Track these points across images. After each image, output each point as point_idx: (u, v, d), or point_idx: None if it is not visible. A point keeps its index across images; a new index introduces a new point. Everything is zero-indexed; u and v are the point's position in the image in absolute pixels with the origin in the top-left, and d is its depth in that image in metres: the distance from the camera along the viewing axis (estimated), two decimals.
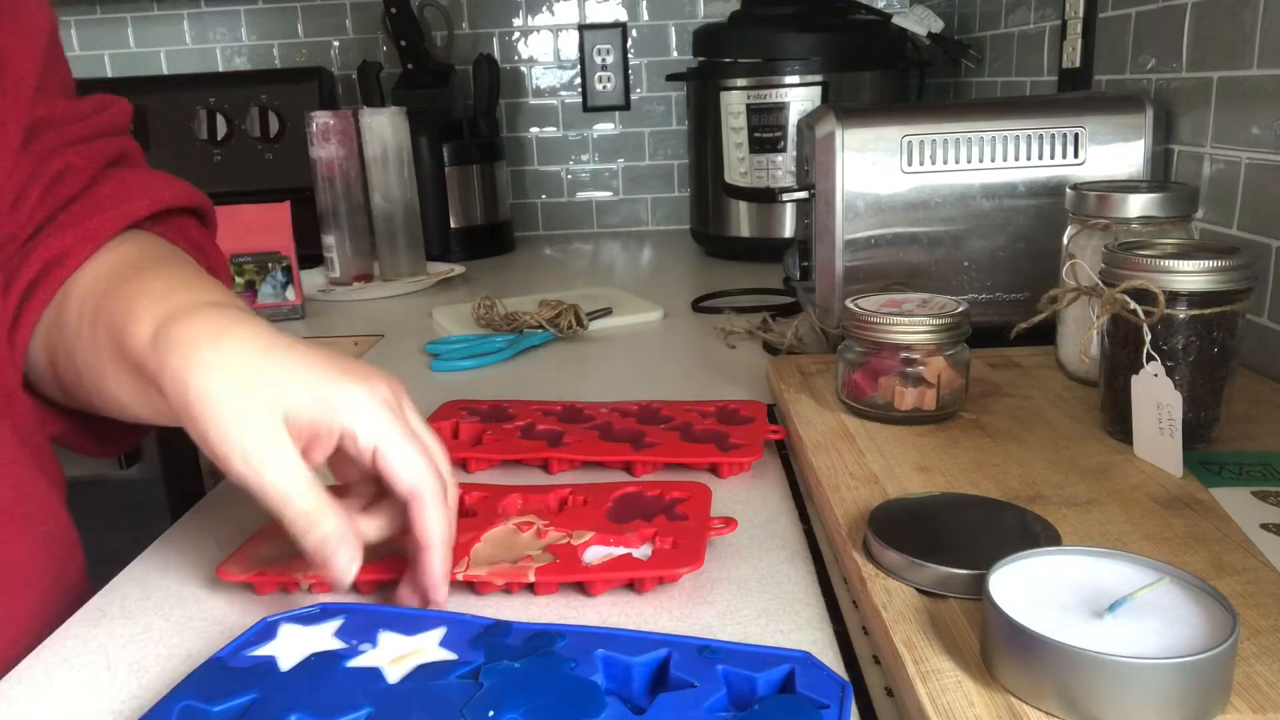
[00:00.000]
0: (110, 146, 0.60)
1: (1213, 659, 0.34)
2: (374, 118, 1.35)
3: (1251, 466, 0.57)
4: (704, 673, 0.41)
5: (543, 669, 0.41)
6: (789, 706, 0.39)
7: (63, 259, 0.53)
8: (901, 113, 0.88)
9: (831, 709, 0.38)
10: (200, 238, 0.64)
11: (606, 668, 0.42)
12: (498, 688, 0.40)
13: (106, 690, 0.45)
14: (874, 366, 0.68)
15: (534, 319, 1.04)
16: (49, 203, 0.55)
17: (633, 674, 0.42)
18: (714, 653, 0.42)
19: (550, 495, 0.59)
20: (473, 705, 0.39)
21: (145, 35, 1.82)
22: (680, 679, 0.41)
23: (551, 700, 0.39)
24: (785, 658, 0.41)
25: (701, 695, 0.39)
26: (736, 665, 0.41)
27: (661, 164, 1.81)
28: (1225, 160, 0.80)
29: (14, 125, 0.53)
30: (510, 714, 0.38)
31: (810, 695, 0.39)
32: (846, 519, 0.53)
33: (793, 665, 0.41)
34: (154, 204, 0.58)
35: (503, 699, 0.39)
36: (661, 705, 0.39)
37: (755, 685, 0.40)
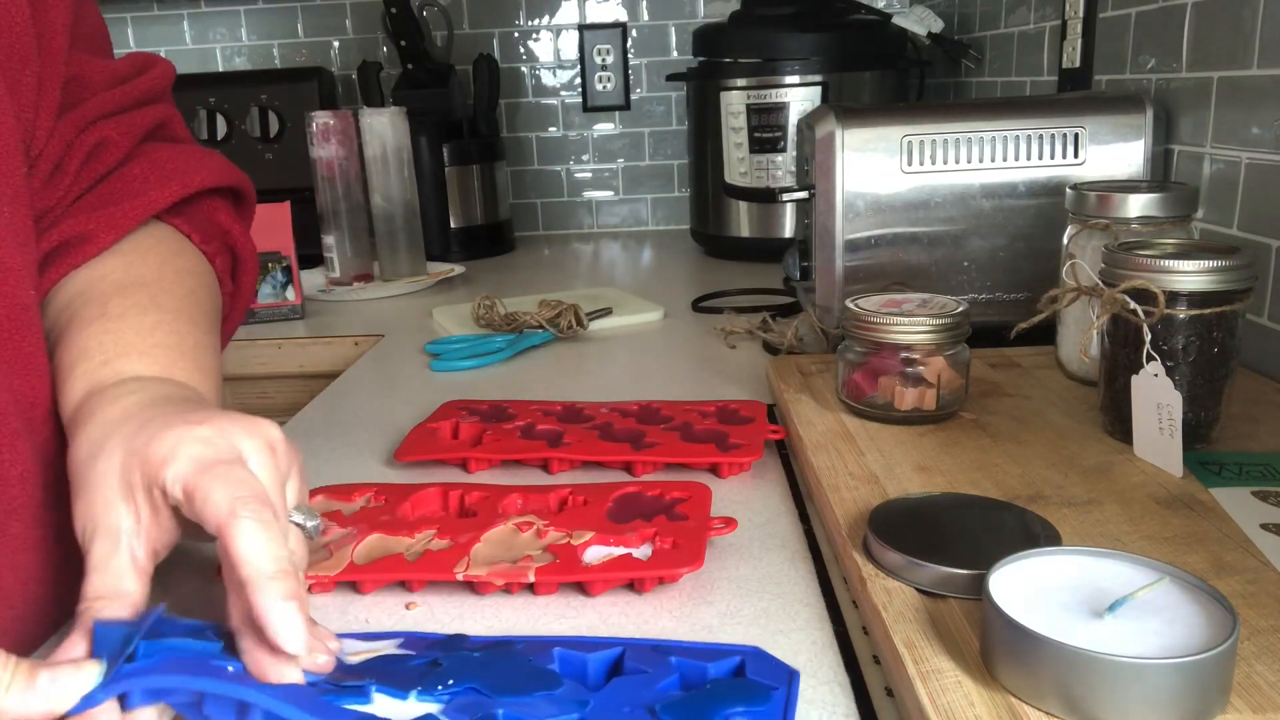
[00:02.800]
0: (149, 116, 0.59)
1: (1213, 659, 0.34)
2: (374, 118, 1.35)
3: (1251, 466, 0.57)
4: (657, 663, 0.41)
5: (502, 659, 0.42)
6: (739, 686, 0.40)
7: (82, 241, 0.53)
8: (901, 113, 0.88)
9: (780, 689, 0.39)
10: (228, 220, 0.62)
11: (562, 662, 0.42)
12: (456, 666, 0.40)
13: None
14: (874, 366, 0.68)
15: (534, 319, 1.04)
16: (85, 177, 0.55)
17: (587, 666, 0.42)
18: (667, 650, 0.43)
19: (550, 495, 0.59)
20: (431, 677, 0.39)
21: (145, 35, 1.82)
22: (635, 668, 0.41)
23: (509, 677, 0.39)
24: (737, 651, 0.43)
25: (653, 679, 0.40)
26: (688, 658, 0.42)
27: (661, 164, 1.81)
28: (1225, 160, 0.80)
29: (53, 84, 0.52)
30: (468, 683, 0.38)
31: (759, 680, 0.40)
32: (846, 519, 0.53)
33: (743, 657, 0.42)
34: (184, 188, 0.57)
35: (461, 673, 0.39)
36: (616, 685, 0.40)
37: (706, 673, 0.41)
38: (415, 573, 0.51)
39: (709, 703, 0.38)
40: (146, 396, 0.46)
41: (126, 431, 0.43)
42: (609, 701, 0.38)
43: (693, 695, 0.39)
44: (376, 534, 0.54)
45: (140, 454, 0.41)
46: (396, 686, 0.38)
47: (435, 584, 0.52)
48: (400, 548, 0.53)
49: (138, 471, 0.41)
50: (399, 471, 0.68)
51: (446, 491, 0.60)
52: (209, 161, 0.60)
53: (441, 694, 0.38)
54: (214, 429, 0.42)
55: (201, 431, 0.41)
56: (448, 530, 0.55)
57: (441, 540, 0.54)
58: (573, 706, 0.38)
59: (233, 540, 0.38)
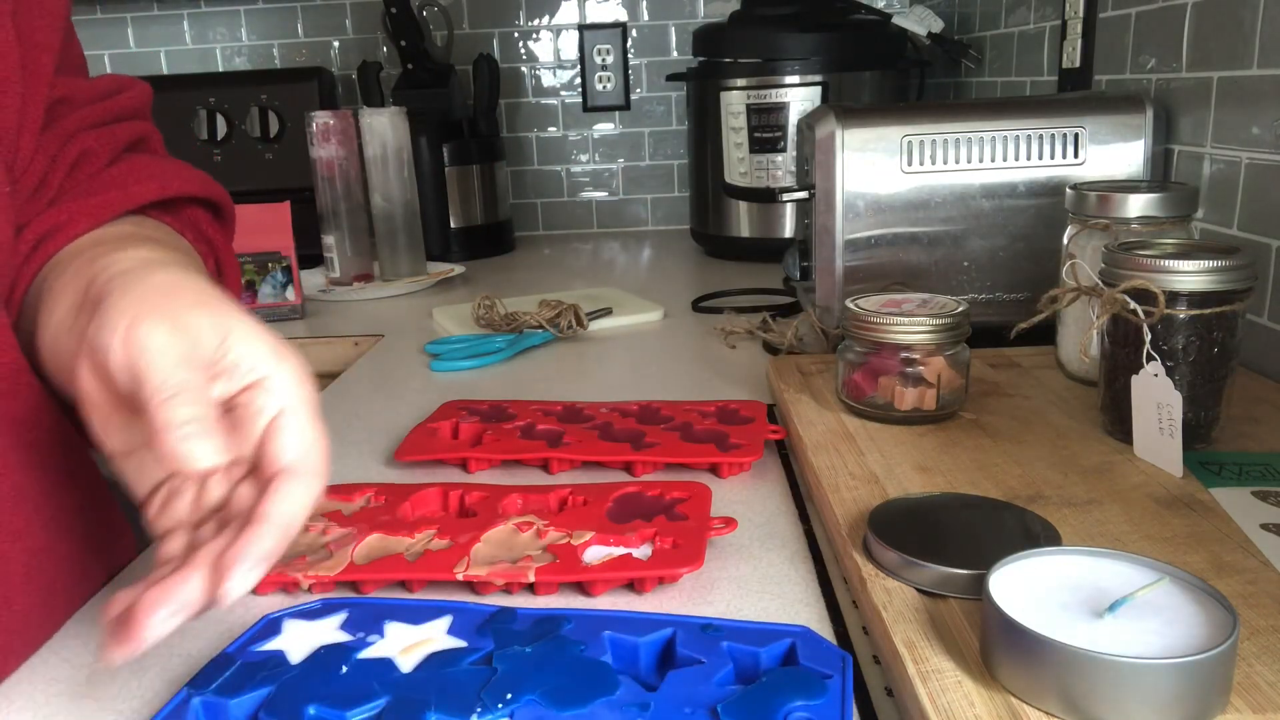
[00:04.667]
0: (129, 130, 0.60)
1: (1213, 659, 0.34)
2: (374, 118, 1.35)
3: (1251, 466, 0.57)
4: (709, 649, 0.42)
5: (554, 652, 0.42)
6: (795, 677, 0.40)
7: (60, 229, 0.52)
8: (901, 113, 0.88)
9: (835, 678, 0.40)
10: (211, 231, 0.62)
11: (614, 648, 0.43)
12: (512, 672, 0.40)
13: (106, 690, 0.45)
14: (874, 366, 0.68)
15: (534, 319, 1.04)
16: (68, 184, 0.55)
17: (639, 654, 0.43)
18: (717, 630, 0.43)
19: (550, 495, 0.59)
20: (489, 689, 0.39)
21: (145, 35, 1.82)
22: (687, 656, 0.42)
23: (566, 681, 0.40)
24: (786, 632, 0.43)
25: (709, 670, 0.41)
26: (739, 641, 0.42)
27: (661, 164, 1.81)
28: (1225, 160, 0.80)
29: (36, 105, 0.52)
30: (527, 695, 0.39)
31: (813, 667, 0.41)
32: (846, 519, 0.53)
33: (793, 639, 0.42)
34: (163, 190, 0.57)
35: (518, 682, 0.40)
36: (672, 682, 0.40)
37: (759, 659, 0.42)
38: (415, 573, 0.51)
39: (769, 699, 0.38)
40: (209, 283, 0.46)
41: (226, 301, 0.43)
42: (668, 702, 0.39)
43: (751, 692, 0.39)
44: (376, 534, 0.55)
45: (265, 340, 0.42)
46: (456, 710, 0.38)
47: (435, 584, 0.52)
48: (400, 548, 0.53)
49: (246, 344, 0.41)
50: (399, 471, 0.68)
51: (446, 491, 0.60)
52: (189, 172, 0.61)
53: (502, 712, 0.38)
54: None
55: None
56: (448, 530, 0.55)
57: (441, 540, 0.54)
58: (633, 711, 0.38)
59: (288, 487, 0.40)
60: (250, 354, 0.41)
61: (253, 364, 0.41)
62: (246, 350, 0.41)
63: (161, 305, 0.41)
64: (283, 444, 0.41)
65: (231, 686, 0.41)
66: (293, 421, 0.41)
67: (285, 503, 0.40)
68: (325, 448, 0.42)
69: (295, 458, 0.41)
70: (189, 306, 0.42)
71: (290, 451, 0.41)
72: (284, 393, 0.41)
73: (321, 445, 0.42)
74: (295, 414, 0.41)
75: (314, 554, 0.52)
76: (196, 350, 0.41)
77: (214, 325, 0.41)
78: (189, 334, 0.41)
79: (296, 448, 0.41)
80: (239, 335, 0.41)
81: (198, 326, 0.41)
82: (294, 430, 0.41)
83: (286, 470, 0.41)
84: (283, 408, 0.41)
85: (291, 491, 0.40)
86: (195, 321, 0.41)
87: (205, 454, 0.38)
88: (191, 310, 0.41)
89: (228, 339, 0.41)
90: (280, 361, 0.42)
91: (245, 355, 0.41)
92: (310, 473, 0.41)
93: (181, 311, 0.41)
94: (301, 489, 0.40)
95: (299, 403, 0.42)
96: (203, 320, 0.41)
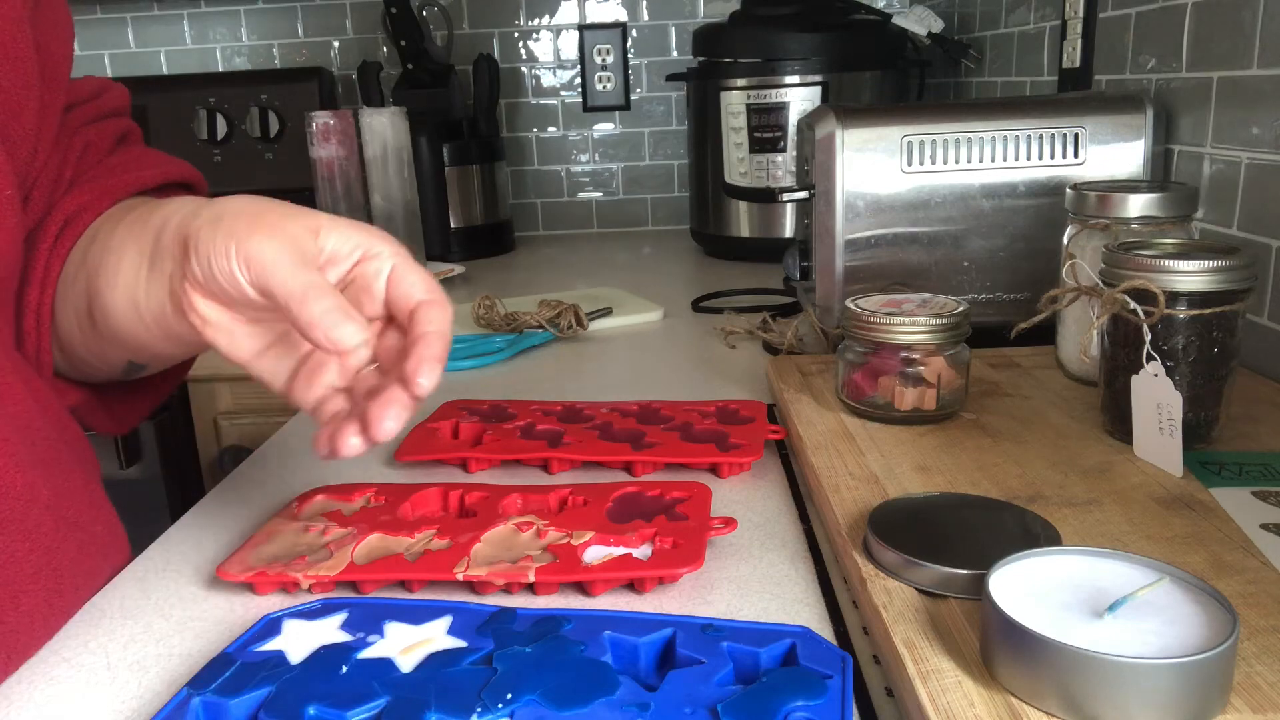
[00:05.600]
0: (117, 125, 0.64)
1: (1213, 659, 0.34)
2: (374, 118, 1.35)
3: (1251, 466, 0.57)
4: (709, 649, 0.42)
5: (554, 652, 0.42)
6: (795, 678, 0.40)
7: (83, 211, 0.55)
8: (901, 113, 0.88)
9: (835, 678, 0.40)
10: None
11: (614, 648, 0.43)
12: (512, 671, 0.40)
13: (106, 690, 0.45)
14: (874, 366, 0.68)
15: (534, 319, 1.04)
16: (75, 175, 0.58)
17: (639, 654, 0.43)
18: (717, 630, 0.43)
19: (550, 495, 0.59)
20: (489, 689, 0.39)
21: (145, 35, 1.82)
22: (687, 656, 0.42)
23: (566, 681, 0.40)
24: (786, 633, 0.43)
25: (709, 671, 0.41)
26: (739, 641, 0.42)
27: (661, 164, 1.81)
28: (1225, 160, 0.80)
29: (54, 113, 0.56)
30: (528, 695, 0.39)
31: (813, 667, 0.41)
32: (846, 519, 0.53)
33: (794, 640, 0.42)
34: (164, 175, 0.62)
35: (518, 682, 0.40)
36: (673, 681, 0.40)
37: (759, 659, 0.42)
38: (415, 573, 0.51)
39: (769, 700, 0.38)
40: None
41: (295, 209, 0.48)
42: (668, 701, 0.39)
43: (751, 692, 0.39)
44: (376, 534, 0.54)
45: (358, 225, 0.49)
46: (456, 710, 0.38)
47: (435, 584, 0.52)
48: (400, 548, 0.53)
49: (343, 230, 0.48)
50: (399, 471, 0.68)
51: (446, 491, 0.60)
52: (176, 160, 0.65)
53: (502, 712, 0.38)
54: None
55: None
56: (448, 530, 0.55)
57: (441, 540, 0.54)
58: (633, 711, 0.38)
59: (435, 311, 0.48)
60: (344, 239, 0.48)
61: (351, 245, 0.48)
62: (339, 237, 0.48)
63: (256, 226, 0.46)
64: (410, 285, 0.48)
65: (231, 686, 0.41)
66: (407, 270, 0.49)
67: (436, 321, 0.47)
68: (438, 284, 0.50)
69: (424, 292, 0.48)
70: (278, 220, 0.47)
71: (418, 288, 0.48)
72: (387, 254, 0.49)
73: (436, 283, 0.49)
74: (407, 265, 0.49)
75: (314, 554, 0.52)
76: (304, 252, 0.46)
77: (305, 227, 0.47)
78: (292, 241, 0.46)
79: (421, 285, 0.48)
80: (327, 228, 0.48)
81: (294, 232, 0.46)
82: (413, 275, 0.49)
83: (424, 302, 0.48)
84: (394, 264, 0.49)
85: (435, 313, 0.48)
86: (290, 229, 0.46)
87: (353, 334, 0.45)
88: (282, 221, 0.46)
89: (320, 234, 0.48)
90: (371, 235, 0.49)
91: (341, 241, 0.48)
92: (441, 300, 0.49)
93: (276, 225, 0.46)
94: (440, 311, 0.48)
95: (404, 257, 0.49)
96: (295, 226, 0.47)
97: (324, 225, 0.48)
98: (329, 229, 0.48)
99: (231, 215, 0.46)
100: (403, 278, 0.48)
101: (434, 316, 0.47)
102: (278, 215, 0.47)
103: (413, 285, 0.48)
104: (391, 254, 0.49)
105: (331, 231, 0.48)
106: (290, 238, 0.46)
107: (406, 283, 0.48)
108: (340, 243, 0.48)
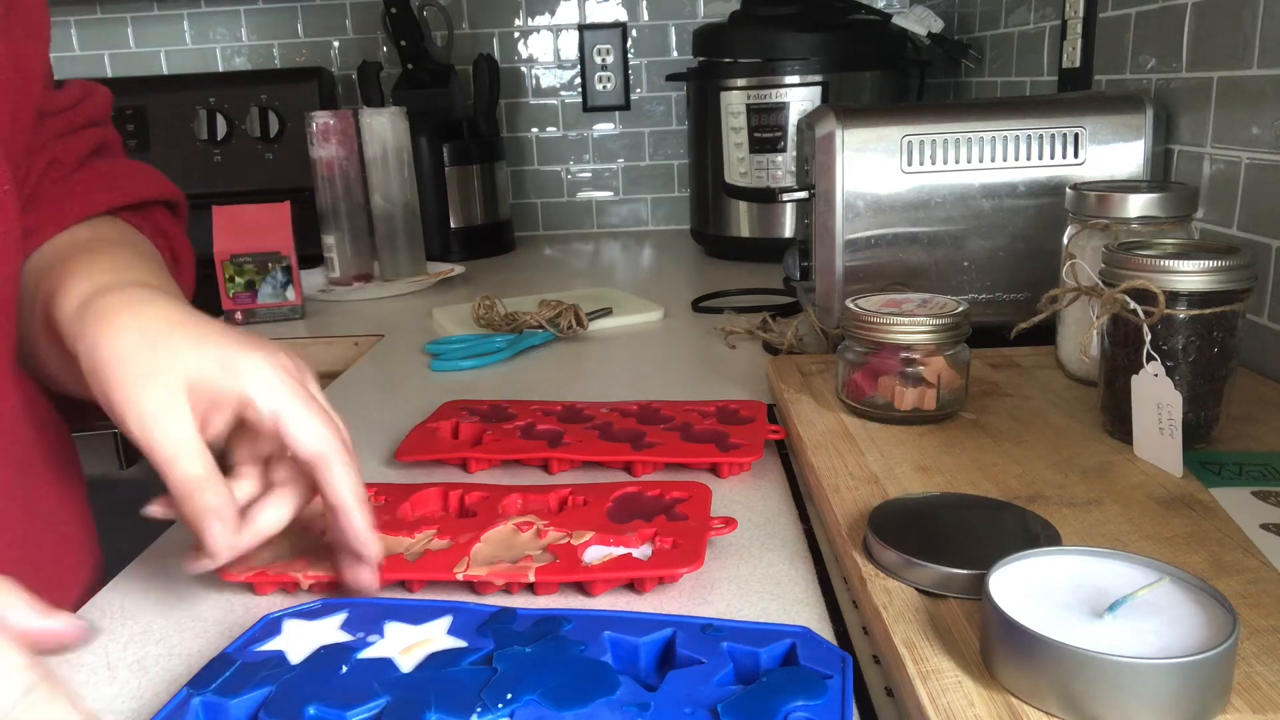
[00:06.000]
0: (92, 137, 0.63)
1: (1213, 659, 0.34)
2: (374, 118, 1.35)
3: (1251, 466, 0.57)
4: (709, 649, 0.42)
5: (554, 652, 0.42)
6: (795, 678, 0.40)
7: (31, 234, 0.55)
8: (901, 113, 0.88)
9: (835, 678, 0.40)
10: (167, 223, 0.66)
11: (614, 648, 0.43)
12: (512, 672, 0.40)
13: (106, 690, 0.45)
14: (874, 366, 0.68)
15: (534, 319, 1.04)
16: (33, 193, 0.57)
17: (639, 654, 0.43)
18: (717, 630, 0.43)
19: (550, 495, 0.59)
20: (490, 689, 0.39)
21: (145, 35, 1.82)
22: (687, 656, 0.42)
23: (566, 681, 0.40)
24: (786, 633, 0.43)
25: (709, 671, 0.41)
26: (739, 641, 0.42)
27: (661, 164, 1.81)
28: (1225, 160, 0.80)
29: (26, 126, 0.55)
30: (528, 695, 0.39)
31: (813, 667, 0.41)
32: (846, 519, 0.53)
33: (794, 640, 0.42)
34: (125, 196, 0.61)
35: (518, 682, 0.40)
36: (673, 681, 0.40)
37: (759, 660, 0.42)
38: (415, 573, 0.51)
39: (769, 699, 0.38)
40: (180, 305, 0.49)
41: (182, 337, 0.46)
42: (668, 701, 0.39)
43: (751, 692, 0.39)
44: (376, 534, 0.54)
45: (225, 365, 0.45)
46: (456, 710, 0.38)
47: (435, 584, 0.52)
48: (400, 548, 0.53)
49: (211, 379, 0.45)
50: (399, 471, 0.68)
51: (446, 491, 0.60)
52: (146, 175, 0.64)
53: (502, 712, 0.38)
54: (290, 360, 0.48)
55: (282, 360, 0.47)
56: (448, 530, 0.55)
57: (441, 540, 0.54)
58: (633, 711, 0.38)
59: (326, 474, 0.46)
60: (212, 382, 0.45)
61: (222, 390, 0.45)
62: (208, 381, 0.45)
63: (125, 379, 0.44)
64: (293, 443, 0.46)
65: (231, 687, 0.41)
66: (289, 419, 0.45)
67: (332, 489, 0.46)
68: (332, 421, 0.47)
69: (310, 451, 0.46)
70: (145, 372, 0.45)
71: (303, 447, 0.46)
72: (269, 397, 0.45)
73: (326, 424, 0.46)
74: (289, 411, 0.45)
75: (314, 554, 0.52)
76: (175, 406, 0.44)
77: (173, 379, 0.45)
78: (164, 396, 0.44)
79: (306, 441, 0.46)
80: (195, 374, 0.45)
81: (167, 385, 0.44)
82: (295, 426, 0.45)
83: (312, 464, 0.46)
84: (275, 411, 0.45)
85: (329, 477, 0.46)
86: (163, 382, 0.44)
87: (222, 536, 0.45)
88: (149, 376, 0.45)
89: (189, 381, 0.45)
90: (236, 377, 0.45)
91: (211, 385, 0.45)
92: (331, 453, 0.46)
93: (145, 377, 0.44)
94: (334, 471, 0.46)
95: (288, 401, 0.46)
96: (166, 379, 0.45)
97: (189, 374, 0.45)
98: (197, 376, 0.45)
99: (105, 368, 0.45)
100: (285, 432, 0.46)
101: (332, 481, 0.46)
102: (144, 369, 0.45)
103: (296, 440, 0.46)
104: (268, 399, 0.46)
105: (201, 378, 0.45)
106: (162, 396, 0.44)
107: (289, 438, 0.46)
108: (213, 389, 0.46)
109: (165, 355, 0.45)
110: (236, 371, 0.46)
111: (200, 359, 0.46)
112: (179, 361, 0.45)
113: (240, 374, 0.46)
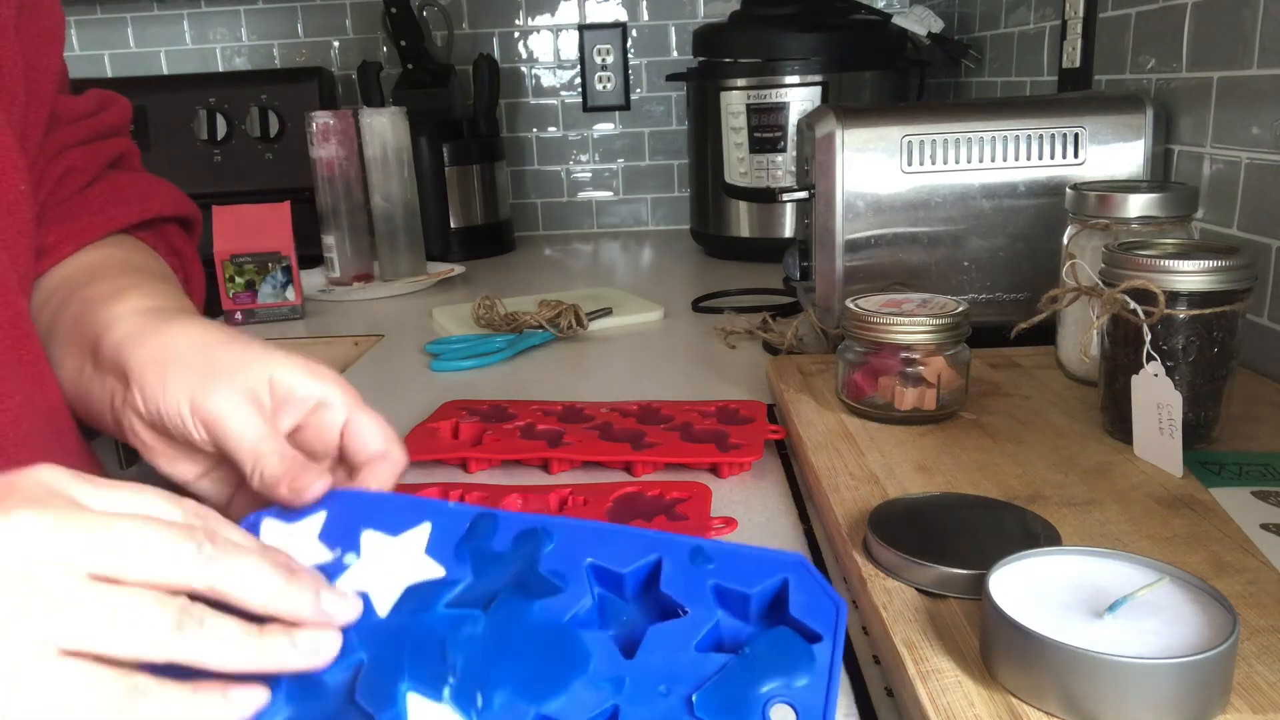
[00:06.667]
0: (111, 147, 0.62)
1: (1213, 659, 0.34)
2: (374, 118, 1.35)
3: (1251, 466, 0.57)
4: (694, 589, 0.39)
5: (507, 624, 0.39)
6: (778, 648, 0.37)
7: (44, 253, 0.54)
8: (901, 113, 0.88)
9: (825, 641, 0.37)
10: (180, 243, 0.66)
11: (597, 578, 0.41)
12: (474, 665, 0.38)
13: None
14: (874, 366, 0.68)
15: (534, 319, 1.04)
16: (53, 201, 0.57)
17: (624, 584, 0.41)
18: (706, 557, 0.40)
19: (550, 495, 0.59)
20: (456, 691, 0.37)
21: (145, 35, 1.82)
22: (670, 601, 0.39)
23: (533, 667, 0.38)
24: (779, 564, 0.40)
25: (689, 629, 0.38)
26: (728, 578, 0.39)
27: (661, 164, 1.81)
28: (1225, 160, 0.80)
29: (37, 127, 0.54)
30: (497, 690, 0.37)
31: (802, 621, 0.38)
32: (846, 519, 0.53)
33: (786, 576, 0.39)
34: (143, 213, 0.61)
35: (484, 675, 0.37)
36: (649, 647, 0.38)
37: (748, 605, 0.39)
38: None
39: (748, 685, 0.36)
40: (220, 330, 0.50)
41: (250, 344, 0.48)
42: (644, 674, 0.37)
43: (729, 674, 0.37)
44: None
45: (309, 369, 0.48)
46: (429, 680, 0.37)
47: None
48: None
49: (295, 377, 0.47)
50: None
51: (446, 491, 0.60)
52: (165, 191, 0.64)
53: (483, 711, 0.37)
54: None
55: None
56: None
57: None
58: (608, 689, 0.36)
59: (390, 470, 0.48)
60: (298, 385, 0.47)
61: (305, 393, 0.48)
62: (293, 383, 0.47)
63: (209, 378, 0.46)
64: (365, 439, 0.48)
65: None
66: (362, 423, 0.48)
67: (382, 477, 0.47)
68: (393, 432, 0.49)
69: (379, 444, 0.48)
70: (231, 370, 0.46)
71: (373, 441, 0.48)
72: (341, 405, 0.48)
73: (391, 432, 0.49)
74: (361, 416, 0.48)
75: None
76: (258, 402, 0.46)
77: (260, 376, 0.47)
78: (248, 394, 0.46)
79: (377, 437, 0.48)
80: (280, 375, 0.47)
81: (249, 384, 0.46)
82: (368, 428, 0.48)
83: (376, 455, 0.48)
84: (348, 416, 0.48)
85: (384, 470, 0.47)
86: (245, 380, 0.46)
87: (317, 489, 0.44)
88: (235, 372, 0.46)
89: (274, 379, 0.47)
90: (325, 381, 0.48)
91: (295, 388, 0.47)
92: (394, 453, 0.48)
93: (230, 376, 0.46)
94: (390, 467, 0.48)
95: (358, 408, 0.49)
96: (249, 377, 0.46)
97: (276, 372, 0.47)
98: (283, 375, 0.47)
99: (179, 363, 0.46)
100: (358, 431, 0.48)
101: (382, 472, 0.47)
102: (230, 364, 0.46)
103: (368, 439, 0.48)
104: (346, 404, 0.48)
105: (285, 378, 0.47)
106: (246, 391, 0.46)
107: (361, 437, 0.48)
108: (294, 389, 0.47)
109: (257, 349, 0.48)
110: (320, 375, 0.48)
111: (283, 360, 0.48)
112: (271, 356, 0.48)
113: (324, 377, 0.48)
